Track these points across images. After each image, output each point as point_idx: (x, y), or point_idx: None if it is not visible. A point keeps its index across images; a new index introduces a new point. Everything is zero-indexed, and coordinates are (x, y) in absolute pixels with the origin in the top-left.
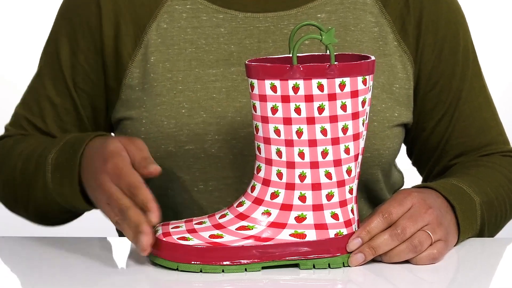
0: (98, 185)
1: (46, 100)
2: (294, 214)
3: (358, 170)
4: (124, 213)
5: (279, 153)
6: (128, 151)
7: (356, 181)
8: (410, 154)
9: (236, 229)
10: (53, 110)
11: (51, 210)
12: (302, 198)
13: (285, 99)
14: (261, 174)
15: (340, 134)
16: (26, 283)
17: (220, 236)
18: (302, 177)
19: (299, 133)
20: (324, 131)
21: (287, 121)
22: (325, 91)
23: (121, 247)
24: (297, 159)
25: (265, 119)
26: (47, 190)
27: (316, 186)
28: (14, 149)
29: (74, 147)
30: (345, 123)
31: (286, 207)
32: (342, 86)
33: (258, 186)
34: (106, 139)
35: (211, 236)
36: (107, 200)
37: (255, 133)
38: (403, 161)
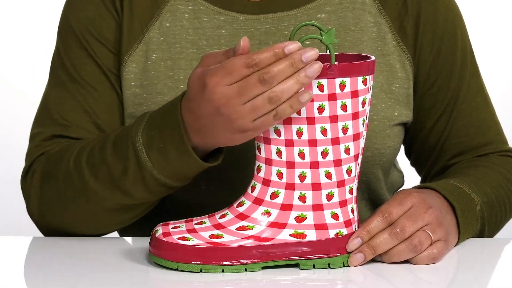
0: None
1: (98, 98)
2: (294, 214)
3: (358, 170)
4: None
5: (279, 153)
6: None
7: (356, 181)
8: (408, 154)
9: (236, 229)
10: (96, 101)
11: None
12: (302, 198)
13: None
14: (261, 174)
15: (340, 134)
16: (26, 283)
17: (220, 236)
18: (302, 177)
19: (299, 133)
20: (324, 131)
21: (287, 121)
22: (325, 91)
23: (121, 247)
24: (297, 159)
25: None
26: (140, 172)
27: (316, 186)
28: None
29: (166, 115)
30: (345, 123)
31: (286, 207)
32: (342, 86)
33: (258, 186)
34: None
35: (211, 236)
36: (238, 92)
37: None
38: (402, 161)
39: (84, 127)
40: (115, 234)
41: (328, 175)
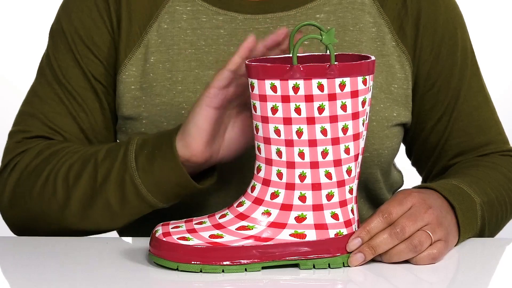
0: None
1: (72, 99)
2: (294, 214)
3: (358, 170)
4: None
5: (279, 153)
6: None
7: (356, 181)
8: (409, 154)
9: (236, 229)
10: (80, 107)
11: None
12: (302, 198)
13: (285, 99)
14: (261, 174)
15: (340, 134)
16: (27, 283)
17: (220, 236)
18: (302, 177)
19: (299, 133)
20: (324, 131)
21: (287, 121)
22: (325, 91)
23: (121, 247)
24: (297, 159)
25: (265, 119)
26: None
27: (316, 186)
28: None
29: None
30: (345, 123)
31: (286, 207)
32: (342, 86)
33: (258, 186)
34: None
35: (211, 236)
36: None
37: (255, 133)
38: (402, 161)
39: (68, 131)
40: (115, 234)
41: (328, 175)
